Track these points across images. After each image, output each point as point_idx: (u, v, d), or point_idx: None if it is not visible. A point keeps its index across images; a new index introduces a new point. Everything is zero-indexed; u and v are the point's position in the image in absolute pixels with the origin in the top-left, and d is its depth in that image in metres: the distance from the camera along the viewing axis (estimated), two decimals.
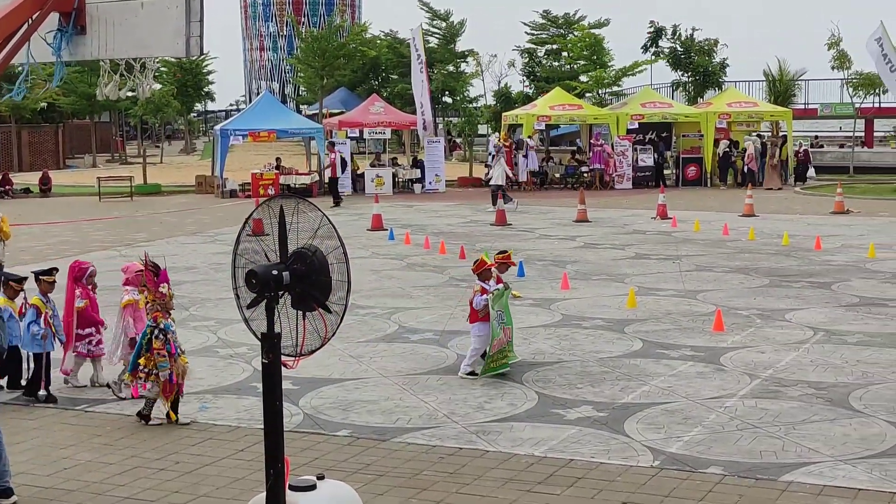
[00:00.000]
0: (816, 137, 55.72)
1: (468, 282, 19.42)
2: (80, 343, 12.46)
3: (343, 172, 38.80)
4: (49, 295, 12.16)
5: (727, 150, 42.86)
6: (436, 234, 26.77)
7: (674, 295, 17.98)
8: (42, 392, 11.85)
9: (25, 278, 12.48)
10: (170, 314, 11.00)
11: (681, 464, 9.43)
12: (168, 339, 10.85)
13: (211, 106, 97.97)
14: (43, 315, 11.95)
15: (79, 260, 13.09)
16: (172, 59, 65.75)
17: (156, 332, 10.82)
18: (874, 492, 8.66)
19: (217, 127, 45.25)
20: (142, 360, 10.84)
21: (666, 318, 16.02)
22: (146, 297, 11.14)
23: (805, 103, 57.83)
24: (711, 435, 10.24)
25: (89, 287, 12.53)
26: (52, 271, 12.33)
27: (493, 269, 13.08)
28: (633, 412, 11.06)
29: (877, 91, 46.62)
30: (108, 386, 12.23)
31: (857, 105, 49.11)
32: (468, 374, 12.68)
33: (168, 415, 10.95)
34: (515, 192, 40.87)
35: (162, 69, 68.78)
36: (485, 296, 12.69)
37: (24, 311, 12.37)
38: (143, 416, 10.98)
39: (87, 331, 12.46)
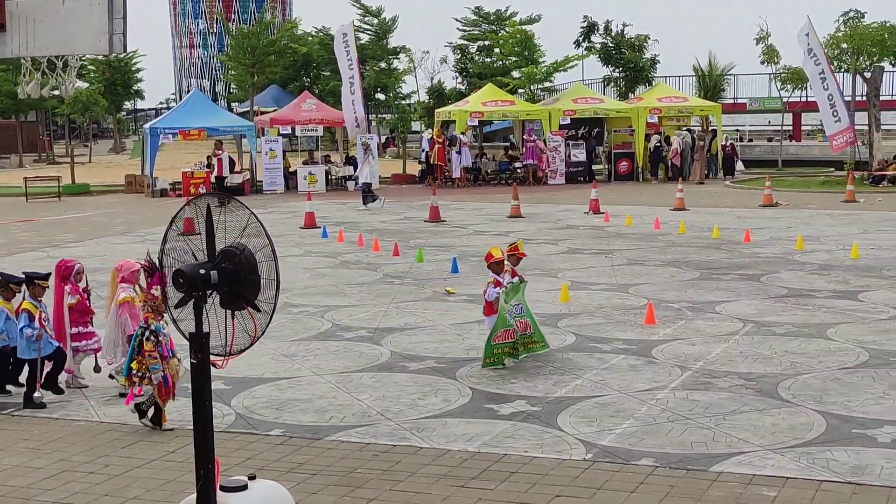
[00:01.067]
0: (737, 131, 56.32)
1: (401, 279, 19.43)
2: (79, 342, 12.28)
3: (231, 172, 38.56)
4: (41, 299, 11.87)
5: (658, 144, 43.23)
6: (369, 232, 26.71)
7: (606, 289, 18.09)
8: (37, 394, 11.52)
9: (24, 280, 12.26)
10: (162, 316, 10.64)
11: (613, 456, 9.48)
12: (160, 340, 10.57)
13: (140, 104, 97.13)
14: (36, 317, 11.65)
15: (64, 259, 12.86)
16: (100, 57, 64.97)
17: (146, 333, 10.56)
18: (802, 480, 8.78)
19: (147, 125, 44.80)
20: (134, 364, 10.59)
21: (598, 312, 16.12)
22: (141, 297, 10.88)
23: (734, 98, 58.51)
24: (643, 427, 10.32)
25: (78, 284, 12.34)
26: (47, 276, 12.07)
27: (505, 262, 13.04)
28: (566, 406, 11.11)
29: (804, 86, 47.24)
30: (111, 376, 12.23)
31: (785, 99, 49.74)
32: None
33: (153, 420, 10.71)
34: (449, 188, 40.96)
35: (90, 67, 68.00)
36: (498, 288, 12.70)
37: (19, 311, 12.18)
38: (141, 411, 10.71)
39: (78, 330, 12.24)
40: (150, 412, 10.74)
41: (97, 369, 12.47)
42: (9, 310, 12.05)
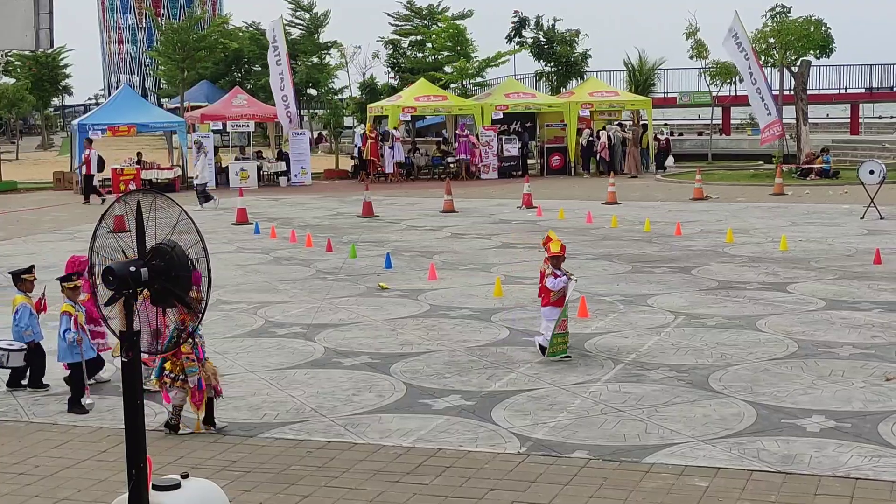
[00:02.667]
0: (666, 125, 56.90)
1: (334, 275, 19.38)
2: (95, 341, 12.04)
3: (101, 171, 38.17)
4: (77, 300, 11.56)
5: (590, 139, 43.50)
6: (302, 228, 26.60)
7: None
8: (88, 401, 11.07)
9: (33, 266, 12.22)
10: (198, 317, 10.36)
11: (547, 449, 9.54)
12: (196, 342, 10.24)
13: (69, 100, 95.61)
14: (74, 319, 11.35)
15: (74, 255, 12.63)
16: (25, 53, 64.02)
17: (183, 335, 10.25)
18: (733, 470, 8.89)
19: (75, 122, 44.20)
20: (167, 365, 10.25)
21: (532, 306, 16.16)
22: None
23: (665, 92, 58.99)
24: (577, 420, 10.39)
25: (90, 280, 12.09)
26: (71, 277, 11.75)
27: (563, 256, 13.02)
28: (500, 400, 11.15)
29: (733, 80, 47.77)
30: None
31: (714, 94, 50.26)
32: (542, 347, 12.84)
33: (197, 424, 10.37)
34: (382, 183, 40.89)
35: (16, 63, 66.93)
36: (561, 279, 12.65)
37: (41, 306, 12.01)
38: (172, 427, 10.34)
39: (90, 328, 11.97)
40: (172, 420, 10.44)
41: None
42: (29, 304, 11.91)
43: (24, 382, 12.19)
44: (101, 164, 38.38)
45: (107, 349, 12.28)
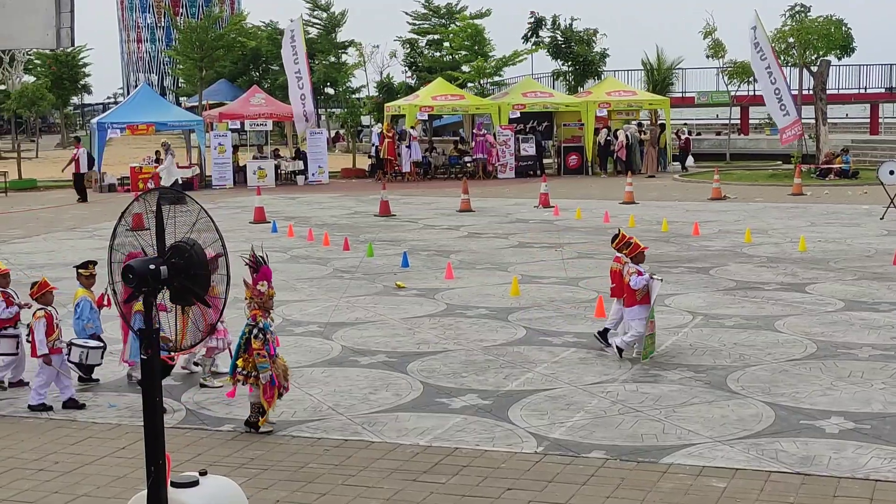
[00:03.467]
0: (686, 124, 56.79)
1: (351, 273, 19.40)
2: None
3: (90, 168, 38.20)
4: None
5: (608, 138, 43.43)
6: (319, 226, 26.64)
7: (556, 282, 18.16)
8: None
9: (93, 262, 12.13)
10: (269, 313, 10.31)
11: (564, 449, 9.53)
12: (267, 339, 10.16)
13: (88, 99, 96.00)
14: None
15: (131, 251, 12.64)
16: (47, 52, 64.32)
17: (255, 331, 10.09)
18: (751, 471, 8.87)
19: (94, 120, 44.34)
20: (240, 362, 10.17)
21: (549, 306, 16.18)
22: (247, 293, 10.25)
23: (682, 92, 58.84)
24: (594, 420, 10.38)
25: None
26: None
27: (645, 251, 13.09)
28: (517, 399, 11.15)
29: (751, 79, 47.61)
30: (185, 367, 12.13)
31: (732, 93, 50.12)
32: (619, 348, 12.79)
33: (263, 420, 10.32)
34: (399, 182, 40.89)
35: (36, 62, 67.23)
36: (644, 276, 12.62)
37: (104, 302, 11.95)
38: (252, 424, 10.28)
39: None
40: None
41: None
42: (91, 298, 11.91)
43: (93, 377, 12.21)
44: (91, 162, 38.45)
45: (222, 350, 12.26)
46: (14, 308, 12.03)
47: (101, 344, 11.73)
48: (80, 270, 12.09)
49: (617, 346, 12.88)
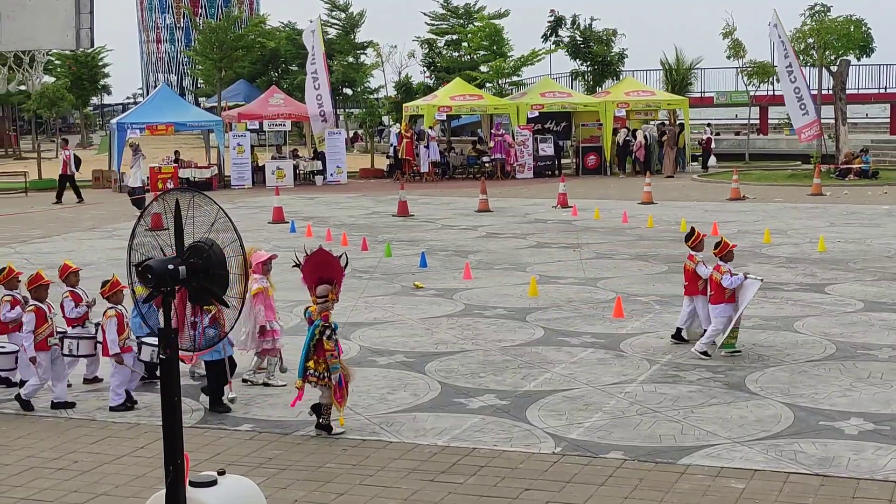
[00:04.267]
0: (709, 125, 56.52)
1: (370, 273, 19.42)
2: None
3: (78, 170, 38.17)
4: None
5: (626, 138, 43.35)
6: (337, 226, 26.67)
7: (574, 283, 18.15)
8: (232, 394, 11.10)
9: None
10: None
11: (582, 450, 9.52)
12: (336, 339, 10.18)
13: (107, 99, 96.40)
14: (213, 316, 11.30)
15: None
16: (66, 52, 64.56)
17: (327, 332, 10.06)
18: (770, 472, 8.85)
19: (114, 120, 44.51)
20: (311, 363, 10.09)
21: (567, 306, 16.16)
22: (332, 296, 10.19)
23: (701, 92, 58.68)
24: (612, 420, 10.37)
25: None
26: None
27: (733, 250, 13.17)
28: (535, 400, 11.15)
29: (770, 79, 47.47)
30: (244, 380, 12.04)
31: (751, 93, 49.98)
32: (702, 353, 12.77)
33: (341, 419, 10.29)
34: (417, 182, 40.89)
35: (56, 62, 67.48)
36: (738, 277, 12.68)
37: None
38: (325, 427, 10.24)
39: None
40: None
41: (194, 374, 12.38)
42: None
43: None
44: (78, 163, 38.51)
45: (271, 350, 12.24)
46: (83, 307, 12.11)
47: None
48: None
49: (701, 352, 12.81)
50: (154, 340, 11.47)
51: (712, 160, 45.65)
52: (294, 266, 10.44)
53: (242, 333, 11.72)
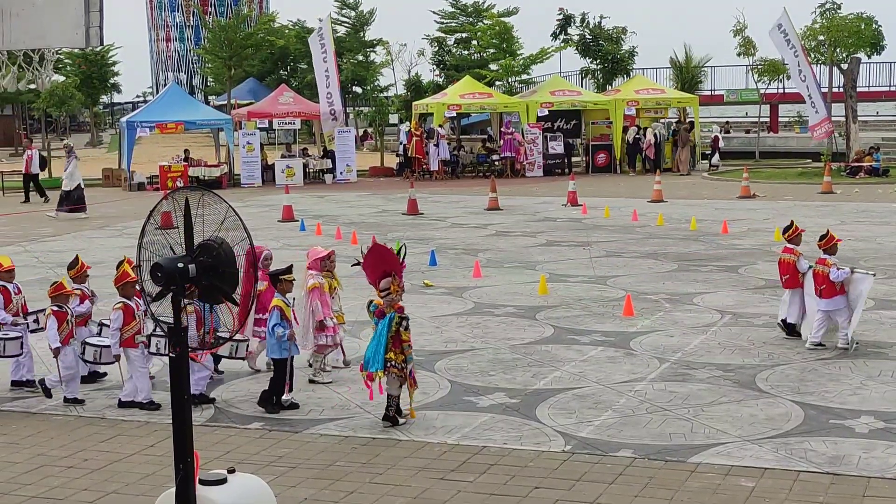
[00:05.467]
0: (727, 122, 56.53)
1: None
2: (260, 328, 12.11)
3: (43, 170, 37.97)
4: (288, 295, 11.38)
5: (636, 136, 43.30)
6: (347, 225, 26.67)
7: (584, 281, 18.13)
8: (286, 397, 11.00)
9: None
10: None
11: (592, 448, 9.51)
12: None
13: (117, 98, 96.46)
14: (289, 316, 11.15)
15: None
16: (76, 51, 64.66)
17: (404, 322, 10.28)
18: (781, 470, 8.83)
19: (123, 119, 44.56)
20: (391, 355, 10.19)
21: (577, 304, 16.15)
22: (394, 287, 10.38)
23: (711, 90, 58.59)
24: (622, 419, 10.35)
25: (265, 271, 12.14)
26: (291, 269, 11.66)
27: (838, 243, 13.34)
28: (544, 398, 11.14)
29: (781, 77, 47.37)
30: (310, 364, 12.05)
31: (762, 91, 49.89)
32: (816, 345, 12.91)
33: (412, 411, 10.49)
34: (427, 180, 40.87)
35: (66, 61, 67.53)
36: (844, 270, 12.80)
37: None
38: (392, 419, 10.36)
39: (260, 316, 12.03)
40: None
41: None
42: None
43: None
44: (43, 163, 38.41)
45: (332, 348, 12.27)
46: (87, 304, 12.21)
47: (246, 338, 11.85)
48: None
49: (816, 343, 12.95)
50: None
51: (716, 158, 45.53)
52: (354, 265, 10.70)
53: (299, 330, 11.67)
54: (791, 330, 13.57)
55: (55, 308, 11.51)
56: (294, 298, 11.66)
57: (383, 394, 10.39)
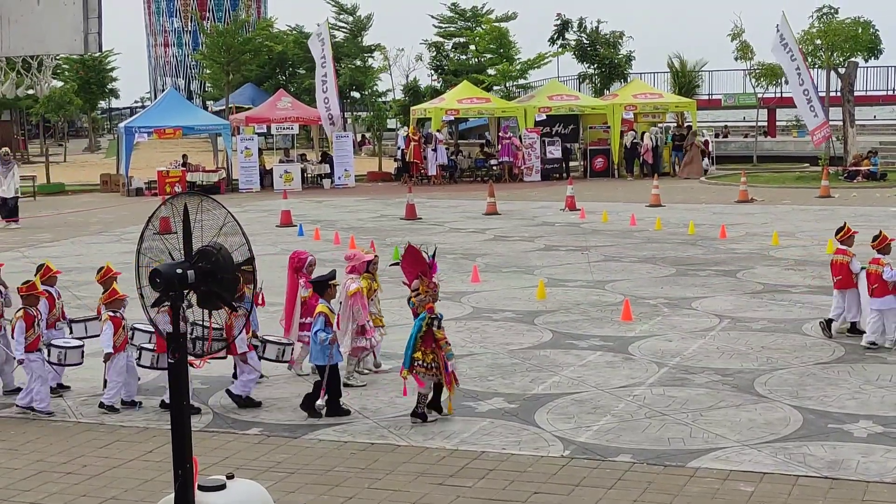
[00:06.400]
0: (726, 127, 56.52)
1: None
2: (304, 332, 12.16)
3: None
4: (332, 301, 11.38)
5: (634, 141, 43.33)
6: (346, 230, 26.68)
7: (583, 285, 18.14)
8: (320, 402, 10.88)
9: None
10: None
11: (591, 453, 9.52)
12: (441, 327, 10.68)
13: (115, 103, 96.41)
14: (332, 322, 11.15)
15: (297, 250, 12.91)
16: (74, 56, 64.66)
17: (435, 322, 10.58)
18: (779, 475, 8.83)
19: (121, 124, 44.57)
20: (418, 354, 10.50)
21: (575, 309, 16.15)
22: (422, 287, 10.70)
23: (709, 94, 58.62)
24: (620, 423, 10.36)
25: (309, 277, 12.27)
26: (335, 275, 11.67)
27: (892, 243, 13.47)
28: (543, 403, 11.14)
29: (778, 81, 47.40)
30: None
31: (759, 95, 49.91)
32: (871, 343, 13.07)
33: (450, 406, 10.78)
34: (425, 185, 40.87)
35: (64, 66, 67.55)
36: None
37: (259, 300, 12.08)
38: (420, 416, 10.61)
39: (310, 320, 11.98)
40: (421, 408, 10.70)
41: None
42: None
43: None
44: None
45: (369, 350, 12.30)
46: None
47: (292, 341, 11.95)
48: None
49: (870, 342, 13.11)
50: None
51: (705, 163, 45.50)
52: (393, 264, 11.19)
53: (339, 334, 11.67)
54: (853, 328, 13.80)
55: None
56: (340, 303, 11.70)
57: (406, 395, 10.64)
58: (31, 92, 11.69)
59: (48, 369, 11.50)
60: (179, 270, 6.10)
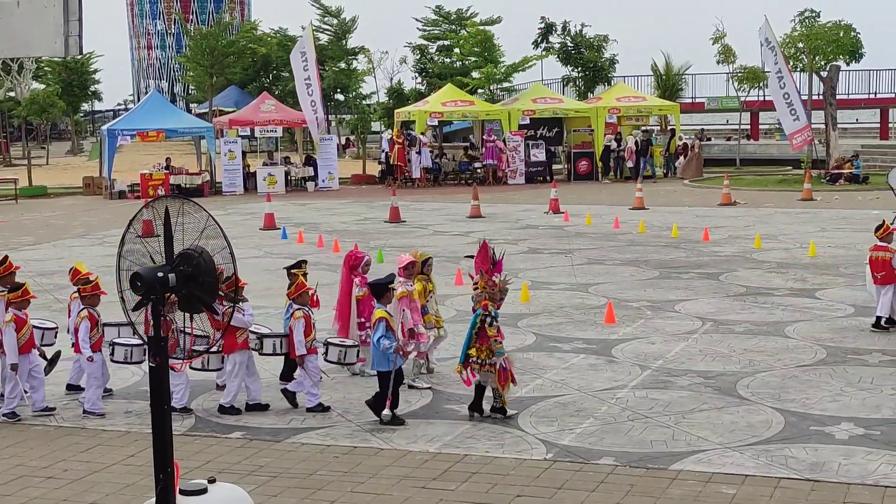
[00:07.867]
0: (703, 131, 56.55)
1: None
2: (363, 332, 12.27)
3: None
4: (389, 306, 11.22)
5: (607, 144, 43.29)
6: (329, 232, 26.66)
7: (566, 288, 18.15)
8: (387, 412, 10.68)
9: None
10: (497, 303, 10.92)
11: (573, 455, 9.53)
12: (498, 326, 10.80)
13: (98, 106, 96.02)
14: (394, 327, 11.03)
15: (353, 250, 13.07)
16: (56, 59, 64.44)
17: (488, 319, 10.68)
18: (761, 477, 8.86)
19: (104, 127, 44.45)
20: (472, 351, 10.70)
21: (558, 312, 16.17)
22: (481, 284, 10.88)
23: (692, 97, 58.75)
24: (603, 426, 10.37)
25: (366, 276, 12.35)
26: (393, 279, 11.58)
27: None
28: (526, 406, 11.14)
29: (761, 85, 47.52)
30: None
31: (742, 98, 50.06)
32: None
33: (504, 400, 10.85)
34: (409, 188, 40.86)
35: (46, 69, 67.37)
36: None
37: (314, 301, 12.10)
38: (500, 410, 10.78)
39: (362, 320, 12.26)
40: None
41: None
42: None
43: None
44: None
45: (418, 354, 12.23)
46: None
47: (356, 343, 11.96)
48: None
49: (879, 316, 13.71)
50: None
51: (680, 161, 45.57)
52: (467, 257, 11.83)
53: None
54: (878, 323, 14.21)
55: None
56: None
57: (470, 385, 10.82)
58: (11, 94, 11.63)
59: (105, 371, 11.62)
60: (160, 274, 6.09)
